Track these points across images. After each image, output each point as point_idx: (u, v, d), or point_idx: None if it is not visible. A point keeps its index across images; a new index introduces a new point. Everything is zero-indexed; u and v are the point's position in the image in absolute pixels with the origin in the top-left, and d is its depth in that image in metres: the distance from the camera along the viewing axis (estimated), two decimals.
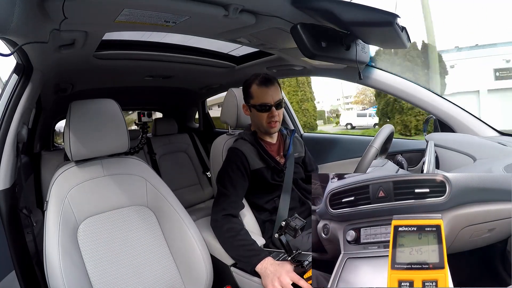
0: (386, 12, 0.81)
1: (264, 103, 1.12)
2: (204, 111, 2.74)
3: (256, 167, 1.15)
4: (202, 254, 1.02)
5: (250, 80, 1.17)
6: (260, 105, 1.13)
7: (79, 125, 0.97)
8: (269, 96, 1.12)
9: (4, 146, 0.93)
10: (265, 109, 1.13)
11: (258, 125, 1.18)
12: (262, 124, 1.16)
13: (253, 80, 1.15)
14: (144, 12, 0.81)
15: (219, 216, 1.05)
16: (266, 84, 1.13)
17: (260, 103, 1.13)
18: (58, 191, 0.94)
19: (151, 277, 0.98)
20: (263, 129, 1.18)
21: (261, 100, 1.13)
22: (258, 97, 1.13)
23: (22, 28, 0.62)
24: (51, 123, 2.35)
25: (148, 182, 1.07)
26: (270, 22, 0.95)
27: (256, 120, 1.17)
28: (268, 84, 1.13)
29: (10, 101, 0.97)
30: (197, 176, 2.41)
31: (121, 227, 1.01)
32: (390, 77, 1.31)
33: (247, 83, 1.17)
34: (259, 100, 1.13)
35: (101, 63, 1.37)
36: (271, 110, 1.13)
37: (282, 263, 0.89)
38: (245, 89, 1.18)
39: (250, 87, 1.16)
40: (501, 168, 0.80)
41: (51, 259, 0.84)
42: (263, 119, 1.14)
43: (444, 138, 1.19)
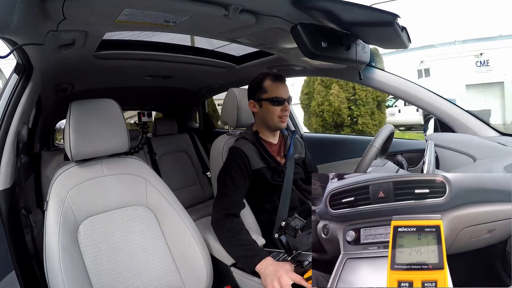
0: (386, 12, 0.81)
1: (279, 96, 1.15)
2: (204, 111, 2.74)
3: (256, 166, 1.15)
4: (202, 254, 1.02)
5: (261, 76, 1.19)
6: (275, 98, 1.15)
7: (79, 125, 0.97)
8: (284, 91, 1.16)
9: (4, 146, 0.94)
10: (279, 102, 1.15)
11: (268, 120, 1.18)
12: (273, 119, 1.16)
13: (266, 75, 1.18)
14: (144, 12, 0.80)
15: (220, 216, 1.04)
16: (280, 80, 1.17)
17: (274, 96, 1.15)
18: (58, 191, 0.94)
19: (151, 277, 0.98)
20: (273, 124, 1.18)
21: (275, 94, 1.15)
22: (272, 90, 1.15)
23: (22, 28, 0.62)
24: (51, 123, 2.35)
25: (148, 182, 1.07)
26: (270, 22, 0.95)
27: (268, 115, 1.17)
28: (282, 80, 1.18)
29: (10, 101, 0.97)
30: (197, 176, 2.41)
31: (121, 227, 1.01)
32: (390, 77, 1.31)
33: (259, 79, 1.19)
34: (274, 94, 1.15)
35: (101, 63, 1.37)
36: (284, 104, 1.15)
37: (282, 264, 0.89)
38: (256, 85, 1.19)
39: (263, 81, 1.17)
40: (501, 168, 0.80)
41: (51, 259, 0.84)
42: (276, 113, 1.15)
43: (444, 138, 1.19)
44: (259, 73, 1.21)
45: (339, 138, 1.81)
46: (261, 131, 1.22)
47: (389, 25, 0.82)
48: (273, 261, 0.91)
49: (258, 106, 1.19)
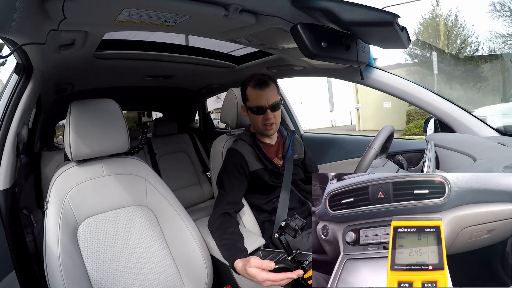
0: (386, 12, 0.81)
1: (258, 105, 1.12)
2: (204, 111, 2.74)
3: (254, 168, 1.15)
4: (202, 254, 1.02)
5: (246, 82, 1.16)
6: (255, 108, 1.12)
7: (79, 125, 0.97)
8: (263, 99, 1.11)
9: (4, 146, 0.94)
10: (260, 111, 1.12)
11: (255, 127, 1.18)
12: (258, 126, 1.15)
13: (249, 81, 1.15)
14: (144, 12, 0.80)
15: (216, 216, 1.04)
16: (260, 87, 1.12)
17: (254, 105, 1.12)
18: (58, 191, 0.94)
19: (151, 277, 0.98)
20: (259, 131, 1.18)
21: (255, 103, 1.12)
22: (252, 99, 1.13)
23: (22, 28, 0.62)
24: (51, 123, 2.35)
25: (148, 182, 1.07)
26: (270, 22, 0.95)
27: (253, 122, 1.18)
28: (263, 87, 1.12)
29: (10, 101, 0.97)
30: (197, 176, 2.41)
31: (121, 227, 1.01)
32: (390, 77, 1.31)
33: (244, 85, 1.17)
34: (254, 103, 1.13)
35: (101, 63, 1.37)
36: (266, 113, 1.12)
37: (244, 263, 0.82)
38: (242, 91, 1.18)
39: (246, 89, 1.15)
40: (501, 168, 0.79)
41: (51, 259, 0.85)
42: (259, 121, 1.14)
43: (444, 138, 1.19)
44: (246, 78, 1.18)
45: (339, 138, 1.80)
46: (257, 133, 1.22)
47: (389, 25, 0.82)
48: (242, 264, 0.84)
49: (247, 112, 1.18)
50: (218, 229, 1.00)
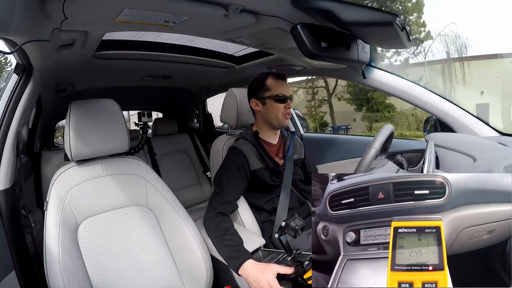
0: (386, 12, 0.81)
1: (282, 94, 1.16)
2: (204, 111, 2.74)
3: (255, 167, 1.15)
4: (202, 254, 1.02)
5: (264, 75, 1.20)
6: (278, 96, 1.15)
7: (79, 125, 0.97)
8: (286, 89, 1.18)
9: (4, 146, 0.94)
10: (283, 100, 1.16)
11: (272, 118, 1.18)
12: (278, 116, 1.17)
13: (268, 74, 1.20)
14: (144, 12, 0.80)
15: (211, 215, 1.04)
16: (282, 78, 1.19)
17: (278, 93, 1.16)
18: (58, 191, 0.94)
19: (151, 277, 0.98)
20: (277, 121, 1.18)
21: (279, 91, 1.16)
22: (276, 88, 1.16)
23: (22, 28, 0.62)
24: (51, 123, 2.35)
25: (148, 182, 1.07)
26: (270, 22, 0.95)
27: (272, 113, 1.17)
28: (284, 78, 1.20)
29: (10, 101, 0.97)
30: (197, 176, 2.41)
31: (121, 227, 1.01)
32: (390, 77, 1.31)
33: (261, 77, 1.20)
34: (277, 91, 1.16)
35: (101, 63, 1.37)
36: (287, 101, 1.17)
37: (264, 269, 0.87)
38: (259, 83, 1.19)
39: (266, 80, 1.18)
40: (501, 168, 0.79)
41: (51, 259, 0.85)
42: (280, 110, 1.16)
43: (444, 138, 1.19)
44: (261, 73, 1.22)
45: (339, 138, 1.80)
46: (261, 131, 1.22)
47: (389, 25, 0.82)
48: (253, 267, 0.89)
49: (262, 104, 1.19)
50: (218, 229, 1.00)
